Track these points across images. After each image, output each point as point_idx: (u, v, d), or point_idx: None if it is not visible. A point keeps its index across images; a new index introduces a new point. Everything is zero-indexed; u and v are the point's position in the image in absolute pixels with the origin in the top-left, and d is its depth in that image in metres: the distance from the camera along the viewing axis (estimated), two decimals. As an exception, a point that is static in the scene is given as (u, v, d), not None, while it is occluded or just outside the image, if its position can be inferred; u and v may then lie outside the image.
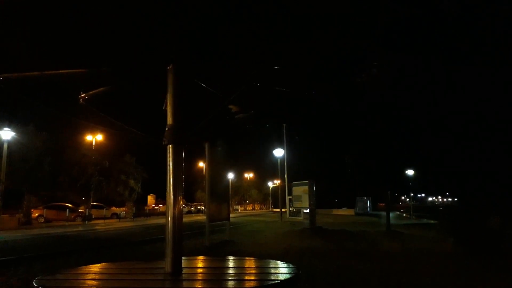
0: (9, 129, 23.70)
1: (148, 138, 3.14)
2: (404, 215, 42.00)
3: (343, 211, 47.14)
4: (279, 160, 32.74)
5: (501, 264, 7.66)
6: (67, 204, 30.41)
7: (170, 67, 2.72)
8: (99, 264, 2.78)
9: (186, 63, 2.97)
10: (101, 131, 31.90)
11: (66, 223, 27.20)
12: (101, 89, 3.31)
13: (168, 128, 2.57)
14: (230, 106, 3.19)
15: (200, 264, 2.83)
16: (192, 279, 2.27)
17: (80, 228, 22.20)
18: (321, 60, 3.80)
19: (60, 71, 3.16)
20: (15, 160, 24.07)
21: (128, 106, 3.66)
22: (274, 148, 33.72)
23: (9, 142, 23.78)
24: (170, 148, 2.44)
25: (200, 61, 3.19)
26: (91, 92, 3.32)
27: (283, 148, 32.35)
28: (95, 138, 32.25)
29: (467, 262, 8.00)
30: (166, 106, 2.83)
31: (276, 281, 2.08)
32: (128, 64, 3.20)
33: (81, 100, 3.42)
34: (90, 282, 2.21)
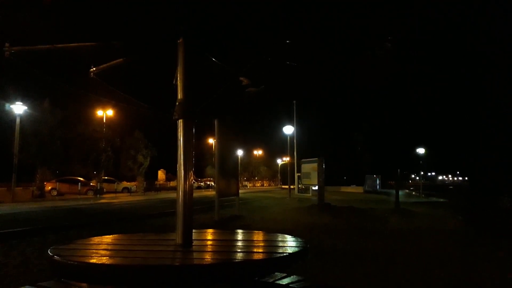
0: (21, 103, 23.97)
1: (158, 112, 3.15)
2: (414, 193, 41.99)
3: (352, 189, 47.31)
4: (288, 137, 32.71)
5: (510, 243, 7.66)
6: (79, 178, 30.98)
7: (180, 40, 2.69)
8: (111, 235, 2.84)
9: (197, 37, 2.93)
10: (112, 107, 32.11)
11: (78, 197, 27.77)
12: (112, 63, 3.30)
13: (178, 103, 2.56)
14: (241, 79, 3.16)
15: (210, 237, 2.88)
16: (202, 250, 2.32)
17: (92, 202, 22.65)
18: (333, 34, 3.73)
19: (71, 44, 3.15)
20: (28, 135, 24.43)
21: (138, 80, 3.66)
22: (283, 125, 33.64)
23: (21, 117, 24.08)
24: (180, 123, 2.43)
25: (211, 35, 3.15)
26: (101, 66, 3.31)
27: (292, 125, 32.24)
28: (105, 113, 32.47)
29: (475, 241, 8.02)
30: (176, 81, 2.82)
31: (285, 254, 2.11)
32: (137, 38, 3.18)
33: (91, 74, 3.42)
34: (102, 252, 2.27)
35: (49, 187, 28.66)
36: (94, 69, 3.39)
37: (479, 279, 4.94)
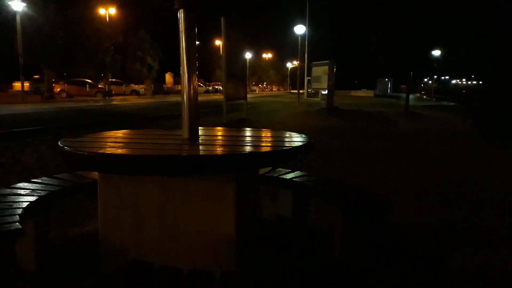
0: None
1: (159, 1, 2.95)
2: (425, 97, 41.70)
3: (362, 93, 46.97)
4: (299, 37, 31.51)
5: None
6: (87, 80, 30.95)
7: None
8: (119, 131, 2.87)
9: None
10: (114, 4, 30.67)
11: (88, 98, 28.03)
12: None
13: (179, -10, 2.35)
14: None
15: (216, 133, 2.91)
16: (209, 144, 2.34)
17: (102, 103, 22.91)
18: None
19: None
20: (30, 34, 23.75)
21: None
22: (295, 26, 32.21)
23: (21, 15, 23.22)
24: (181, 13, 2.26)
25: None
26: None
27: (304, 25, 30.84)
28: (108, 11, 31.09)
29: (482, 143, 8.09)
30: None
31: (290, 147, 2.13)
32: None
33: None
34: (111, 144, 2.31)
35: (58, 89, 28.81)
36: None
37: (478, 178, 5.08)
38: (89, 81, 31.10)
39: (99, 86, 31.74)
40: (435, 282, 2.29)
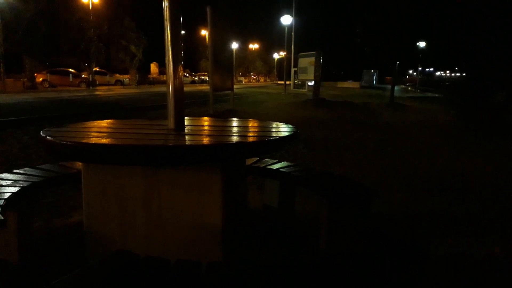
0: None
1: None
2: (410, 88, 42.17)
3: (349, 84, 47.19)
4: (286, 28, 31.40)
5: (500, 135, 7.85)
6: (70, 70, 30.30)
7: None
8: (103, 120, 2.82)
9: None
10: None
11: (71, 88, 27.47)
12: None
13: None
14: None
15: (202, 123, 2.88)
16: (195, 134, 2.32)
17: (85, 93, 22.49)
18: None
19: None
20: (10, 22, 23.10)
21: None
22: (281, 17, 32.06)
23: (0, 3, 22.57)
24: (166, 1, 2.22)
25: None
26: None
27: (291, 15, 30.71)
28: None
29: (464, 134, 8.23)
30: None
31: (276, 138, 2.12)
32: None
33: None
34: (95, 134, 2.26)
35: (40, 79, 28.13)
36: None
37: (461, 167, 5.17)
38: (73, 70, 30.46)
39: (83, 76, 31.13)
40: (421, 271, 2.33)
